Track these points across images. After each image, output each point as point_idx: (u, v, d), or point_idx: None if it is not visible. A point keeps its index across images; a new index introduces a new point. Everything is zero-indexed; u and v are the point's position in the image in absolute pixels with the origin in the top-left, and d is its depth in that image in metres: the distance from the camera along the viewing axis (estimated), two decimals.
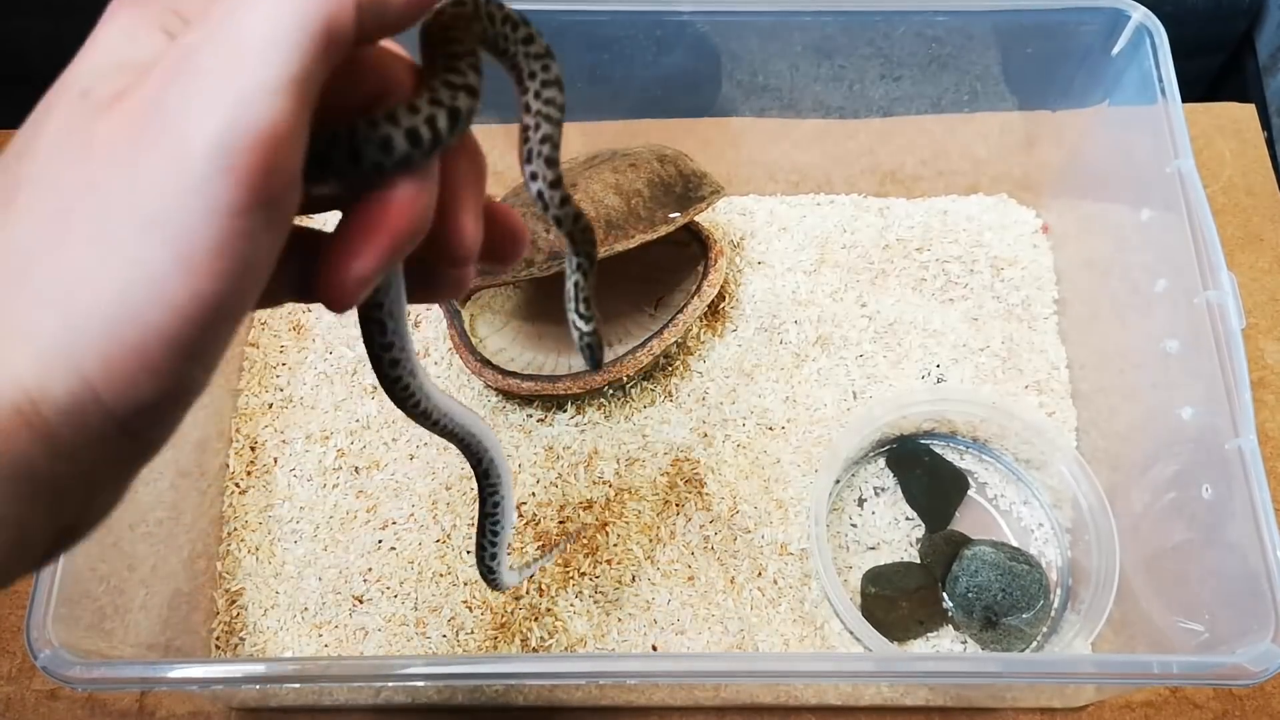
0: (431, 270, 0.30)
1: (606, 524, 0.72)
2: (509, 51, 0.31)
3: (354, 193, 0.25)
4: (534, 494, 0.73)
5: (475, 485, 0.42)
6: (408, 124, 0.25)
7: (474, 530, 0.72)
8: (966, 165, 0.84)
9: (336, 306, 0.25)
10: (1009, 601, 0.67)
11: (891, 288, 0.82)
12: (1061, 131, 0.79)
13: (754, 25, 0.73)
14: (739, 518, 0.72)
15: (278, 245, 0.23)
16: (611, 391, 0.77)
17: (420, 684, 0.61)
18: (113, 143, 0.22)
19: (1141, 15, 0.67)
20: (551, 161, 0.32)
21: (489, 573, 0.49)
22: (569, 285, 0.38)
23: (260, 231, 0.22)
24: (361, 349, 0.36)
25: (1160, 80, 0.65)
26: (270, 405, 0.77)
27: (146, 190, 0.21)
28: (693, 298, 0.75)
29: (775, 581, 0.70)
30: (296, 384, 0.78)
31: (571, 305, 0.38)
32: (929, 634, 0.69)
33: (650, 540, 0.71)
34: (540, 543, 0.71)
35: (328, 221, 0.26)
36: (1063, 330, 0.80)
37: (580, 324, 0.38)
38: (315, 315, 0.82)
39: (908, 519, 0.73)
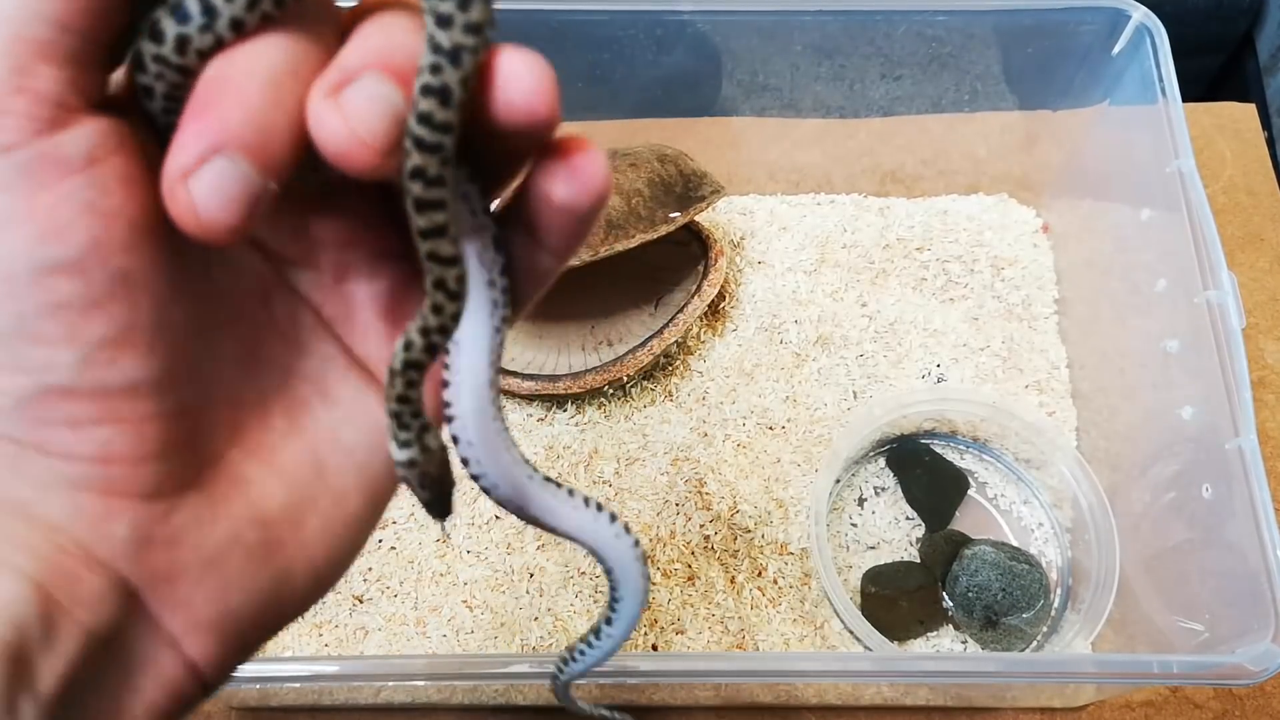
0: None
1: None
2: None
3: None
4: None
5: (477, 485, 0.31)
6: None
7: (476, 531, 0.72)
8: (967, 165, 0.84)
9: (197, 232, 0.21)
10: (1009, 601, 0.67)
11: (892, 287, 0.82)
12: (1062, 131, 0.79)
13: (754, 25, 0.73)
14: (739, 517, 0.72)
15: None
16: (611, 391, 0.77)
17: (420, 684, 0.61)
18: None
19: (1142, 15, 0.67)
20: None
21: (559, 674, 0.39)
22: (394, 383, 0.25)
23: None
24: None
25: (1160, 80, 0.65)
26: None
27: None
28: (693, 297, 0.75)
29: (775, 581, 0.70)
30: None
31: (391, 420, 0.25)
32: (929, 634, 0.69)
33: (650, 540, 0.71)
34: (540, 542, 0.71)
35: None
36: (1063, 330, 0.80)
37: (397, 450, 0.26)
38: None
39: (908, 519, 0.73)
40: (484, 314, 0.27)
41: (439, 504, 0.27)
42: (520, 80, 0.22)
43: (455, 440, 0.27)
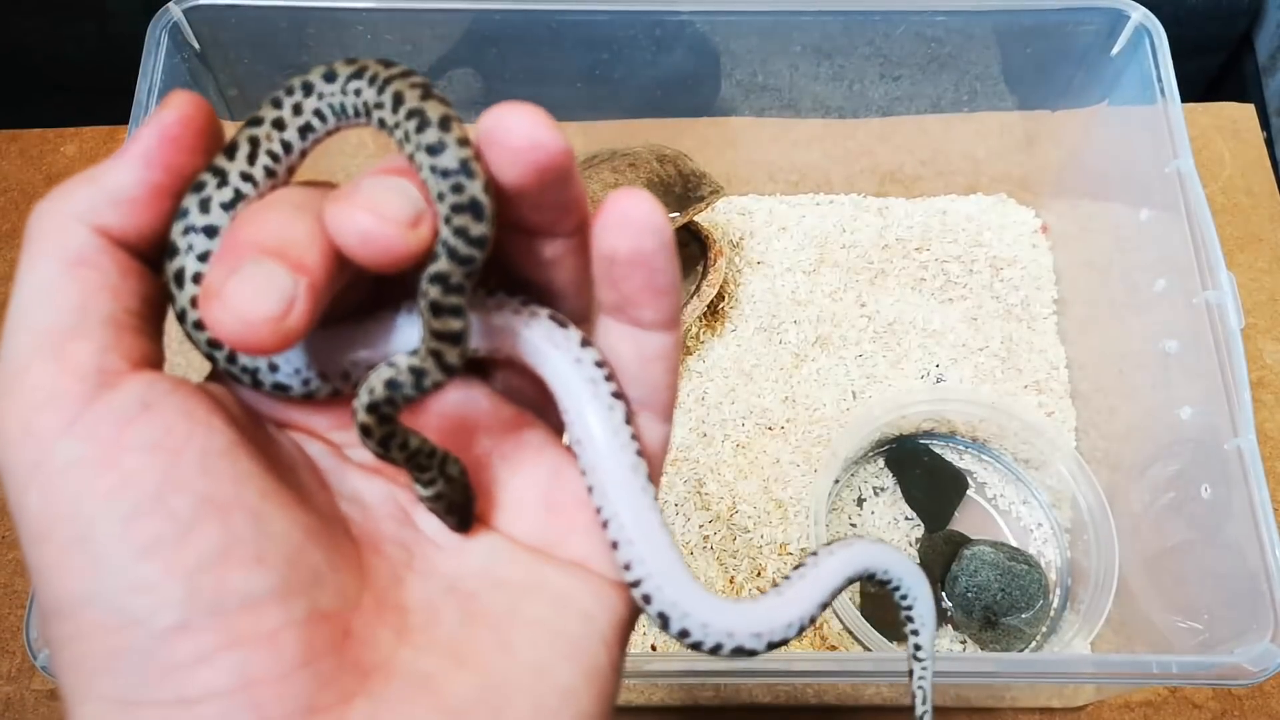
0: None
1: None
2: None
3: None
4: None
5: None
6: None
7: None
8: (966, 165, 0.84)
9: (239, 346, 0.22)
10: (1008, 601, 0.67)
11: (891, 287, 0.82)
12: (1061, 131, 0.79)
13: (753, 25, 0.73)
14: (738, 517, 0.72)
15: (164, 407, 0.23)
16: None
17: None
18: None
19: (1141, 15, 0.67)
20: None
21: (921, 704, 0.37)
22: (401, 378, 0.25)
23: None
24: None
25: (1159, 80, 0.65)
26: None
27: None
28: (692, 298, 0.75)
29: (774, 581, 0.70)
30: None
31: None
32: None
33: None
34: None
35: None
36: (1062, 330, 0.80)
37: (423, 489, 0.27)
38: None
39: (907, 519, 0.73)
40: (613, 447, 0.27)
41: (464, 522, 0.27)
42: (511, 124, 0.23)
43: (647, 599, 0.27)
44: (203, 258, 0.24)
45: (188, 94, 0.24)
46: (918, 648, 0.34)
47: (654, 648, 0.68)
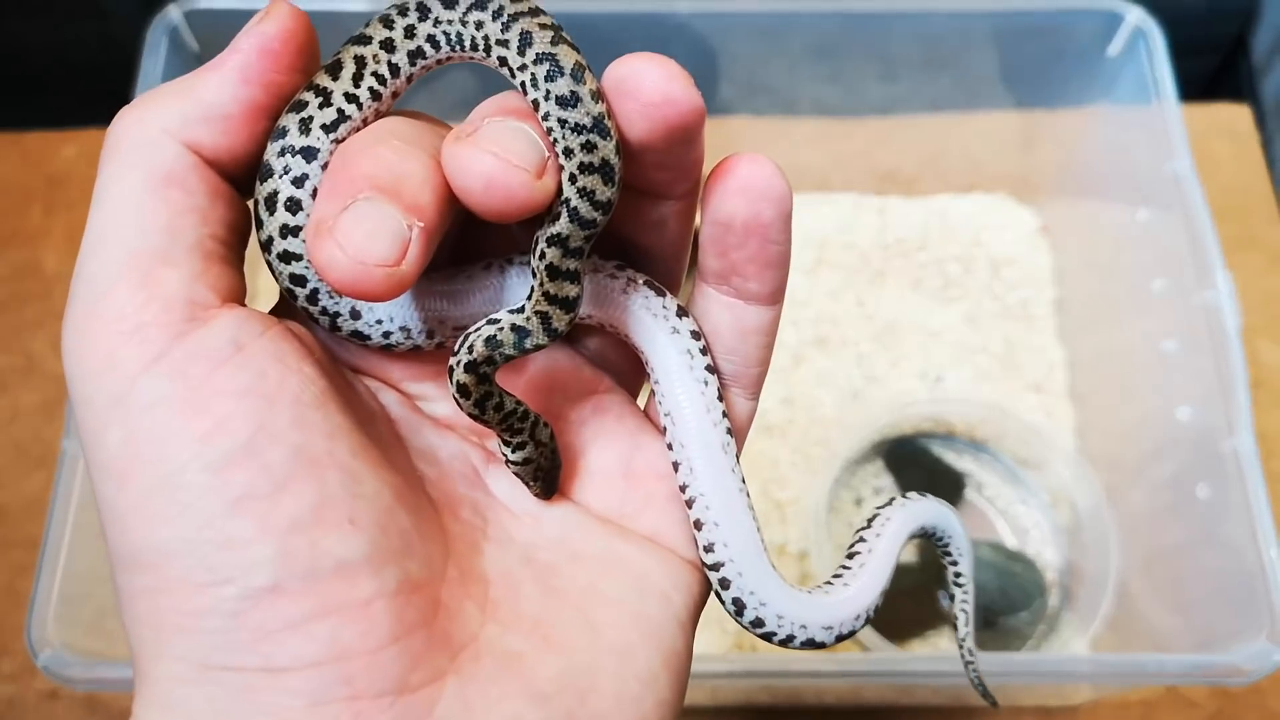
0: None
1: None
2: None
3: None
4: None
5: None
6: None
7: None
8: (964, 165, 0.84)
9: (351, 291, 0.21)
10: (1007, 601, 0.67)
11: (890, 288, 0.82)
12: (1059, 132, 0.79)
13: (752, 25, 0.73)
14: None
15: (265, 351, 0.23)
16: None
17: None
18: None
19: (1138, 16, 0.67)
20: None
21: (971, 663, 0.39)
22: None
23: None
24: None
25: (1156, 81, 0.65)
26: None
27: None
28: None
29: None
30: None
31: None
32: (927, 634, 0.69)
33: None
34: None
35: None
36: (1061, 330, 0.80)
37: (512, 453, 0.26)
38: None
39: None
40: (699, 405, 0.27)
41: (548, 489, 0.26)
42: (645, 76, 0.22)
43: (718, 567, 0.27)
44: (298, 182, 0.23)
45: (290, 6, 0.23)
46: (959, 574, 0.35)
47: None
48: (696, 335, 0.26)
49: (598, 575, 0.25)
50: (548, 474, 0.26)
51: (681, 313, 0.26)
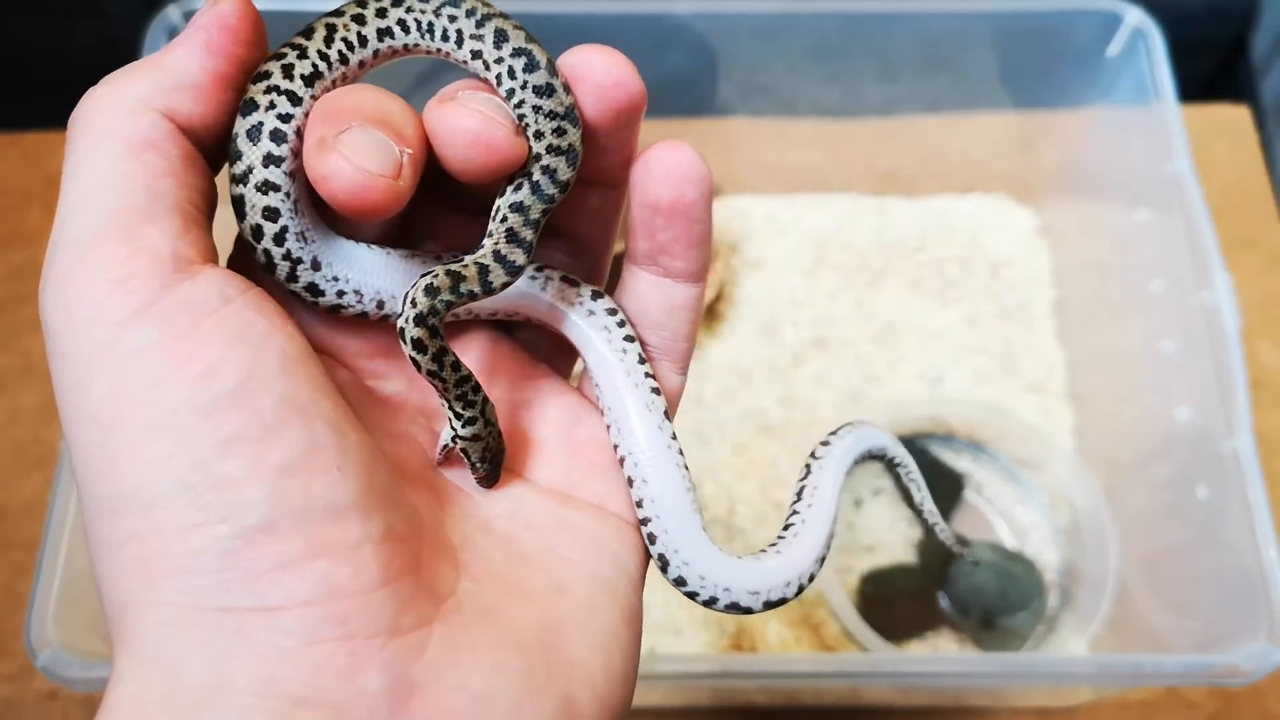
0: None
1: None
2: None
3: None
4: None
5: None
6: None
7: None
8: (964, 166, 0.84)
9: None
10: (1006, 602, 0.67)
11: (889, 288, 0.82)
12: (1058, 132, 0.79)
13: (751, 26, 0.73)
14: (736, 519, 0.72)
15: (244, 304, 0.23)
16: None
17: None
18: None
19: (1137, 17, 0.67)
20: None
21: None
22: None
23: None
24: None
25: (1156, 82, 0.65)
26: None
27: None
28: None
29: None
30: None
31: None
32: (926, 635, 0.69)
33: None
34: None
35: None
36: (1060, 331, 0.80)
37: (461, 426, 0.26)
38: None
39: (905, 520, 0.73)
40: (624, 382, 0.28)
41: (493, 474, 0.27)
42: (596, 62, 0.24)
43: (661, 552, 0.27)
44: (283, 118, 0.24)
45: None
46: (899, 464, 0.39)
47: (652, 649, 0.68)
48: (613, 311, 0.28)
49: (554, 540, 0.26)
50: (494, 456, 0.27)
51: (596, 295, 0.28)
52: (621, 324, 0.28)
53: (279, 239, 0.24)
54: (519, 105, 0.25)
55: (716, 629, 0.68)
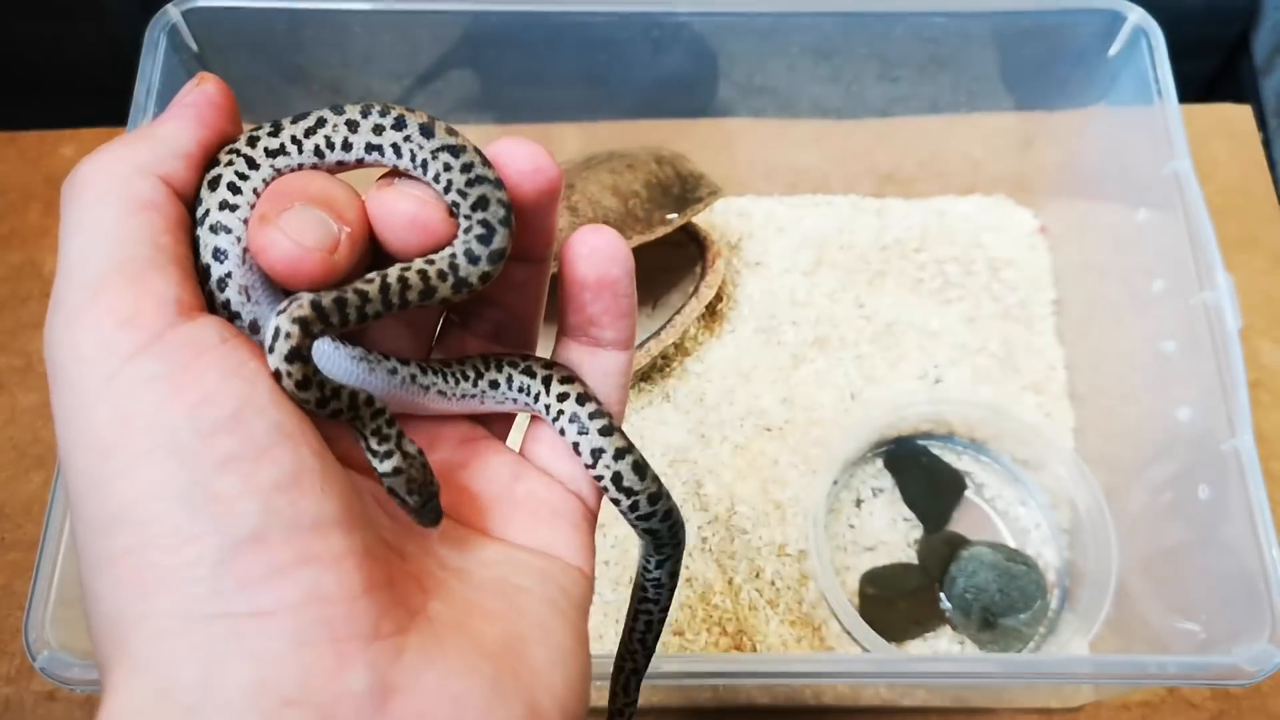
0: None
1: (603, 525, 0.72)
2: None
3: None
4: None
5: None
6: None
7: None
8: (964, 166, 0.84)
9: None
10: (1006, 602, 0.67)
11: (889, 288, 0.82)
12: (1059, 132, 0.79)
13: (751, 26, 0.73)
14: (736, 519, 0.72)
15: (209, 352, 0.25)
16: None
17: None
18: None
19: (1138, 16, 0.67)
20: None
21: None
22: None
23: None
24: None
25: (1157, 81, 0.65)
26: None
27: None
28: (690, 299, 0.75)
29: (773, 583, 0.70)
30: None
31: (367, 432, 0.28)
32: (927, 635, 0.69)
33: None
34: None
35: None
36: (1060, 331, 0.80)
37: (380, 462, 0.27)
38: None
39: (905, 520, 0.73)
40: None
41: (429, 510, 0.27)
42: (517, 151, 0.27)
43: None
44: (240, 175, 0.26)
45: (213, 75, 0.27)
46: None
47: None
48: (496, 384, 0.31)
49: (506, 571, 0.28)
50: (421, 488, 0.27)
51: (484, 368, 0.31)
52: (566, 379, 0.31)
53: (221, 284, 0.26)
54: (447, 189, 0.27)
55: (718, 629, 0.68)
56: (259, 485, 0.22)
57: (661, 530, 0.33)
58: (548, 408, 0.31)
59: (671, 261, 0.80)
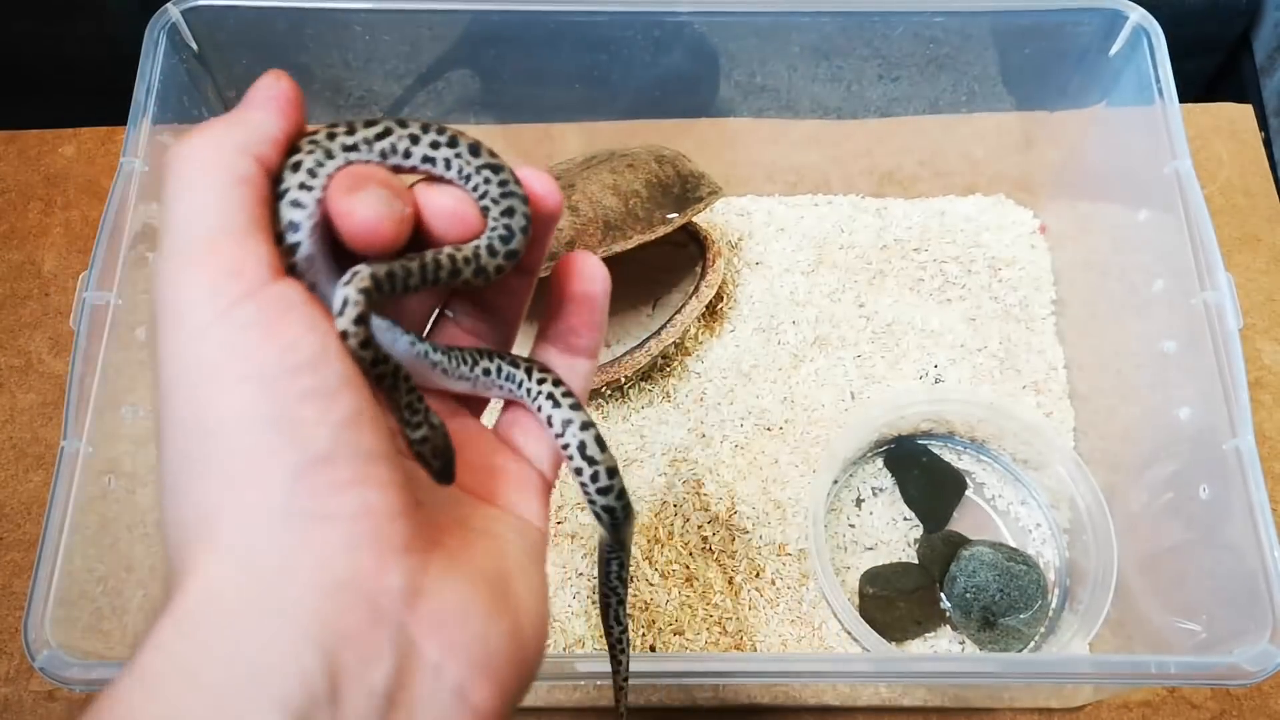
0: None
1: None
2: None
3: None
4: None
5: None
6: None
7: None
8: (964, 166, 0.84)
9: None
10: (1007, 602, 0.67)
11: (889, 288, 0.82)
12: (1059, 132, 0.79)
13: (752, 26, 0.73)
14: (737, 518, 0.72)
15: (302, 307, 0.29)
16: (609, 392, 0.77)
17: None
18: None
19: (1139, 16, 0.67)
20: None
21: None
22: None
23: None
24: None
25: (1158, 81, 0.65)
26: None
27: None
28: (690, 298, 0.75)
29: (773, 582, 0.70)
30: None
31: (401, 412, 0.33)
32: (927, 634, 0.69)
33: (648, 541, 0.71)
34: None
35: None
36: (1060, 331, 0.80)
37: (411, 431, 0.33)
38: None
39: (905, 519, 0.73)
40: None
41: (446, 471, 0.33)
42: (535, 179, 0.33)
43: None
44: (319, 163, 0.31)
45: (286, 74, 0.32)
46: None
47: (653, 648, 0.68)
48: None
49: (491, 525, 0.33)
50: (443, 453, 0.33)
51: (480, 356, 0.36)
52: (542, 371, 0.37)
53: (290, 251, 0.30)
54: (482, 197, 0.33)
55: (719, 629, 0.68)
56: (330, 418, 0.27)
57: (617, 508, 0.37)
58: (529, 391, 0.36)
59: (672, 261, 0.80)
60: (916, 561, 0.71)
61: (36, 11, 0.93)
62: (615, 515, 0.37)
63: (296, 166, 0.30)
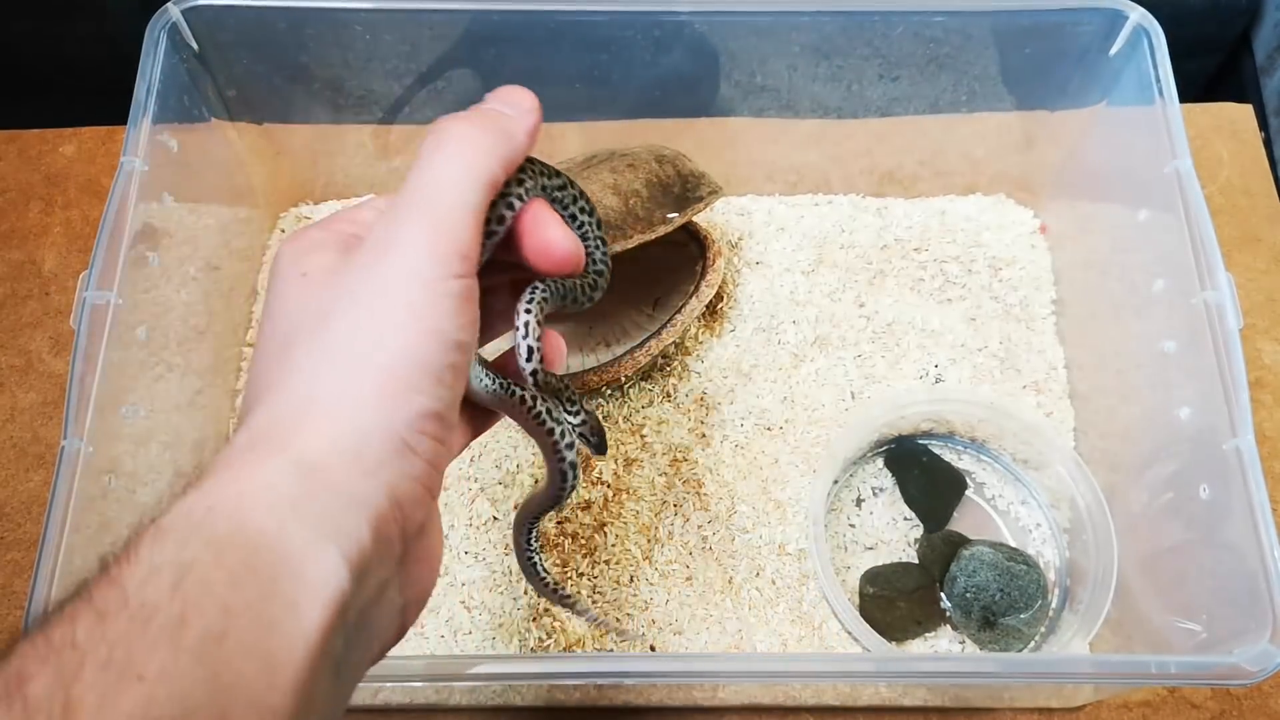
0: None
1: (604, 524, 0.72)
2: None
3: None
4: None
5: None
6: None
7: (474, 532, 0.72)
8: (964, 165, 0.84)
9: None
10: (1007, 602, 0.67)
11: (889, 288, 0.82)
12: (1059, 132, 0.79)
13: (752, 25, 0.73)
14: (737, 518, 0.72)
15: (476, 301, 0.36)
16: (609, 392, 0.77)
17: (418, 684, 0.61)
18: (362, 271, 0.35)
19: (1139, 16, 0.67)
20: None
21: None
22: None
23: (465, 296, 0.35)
24: None
25: (1158, 80, 0.65)
26: None
27: (397, 287, 0.34)
28: (691, 298, 0.75)
29: (773, 582, 0.70)
30: None
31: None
32: (927, 634, 0.69)
33: (648, 541, 0.71)
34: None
35: None
36: (1061, 330, 0.80)
37: (573, 419, 0.43)
38: None
39: (906, 519, 0.73)
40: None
41: (602, 445, 0.44)
42: (558, 241, 0.39)
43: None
44: (527, 190, 0.38)
45: (538, 101, 0.38)
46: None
47: (652, 648, 0.68)
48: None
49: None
50: (599, 433, 0.43)
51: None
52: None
53: (488, 235, 0.37)
54: (589, 252, 0.43)
55: (718, 629, 0.68)
56: (456, 389, 0.35)
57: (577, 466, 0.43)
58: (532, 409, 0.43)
59: (672, 261, 0.80)
60: (916, 561, 0.71)
61: (36, 11, 0.92)
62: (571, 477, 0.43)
63: (520, 180, 0.38)
